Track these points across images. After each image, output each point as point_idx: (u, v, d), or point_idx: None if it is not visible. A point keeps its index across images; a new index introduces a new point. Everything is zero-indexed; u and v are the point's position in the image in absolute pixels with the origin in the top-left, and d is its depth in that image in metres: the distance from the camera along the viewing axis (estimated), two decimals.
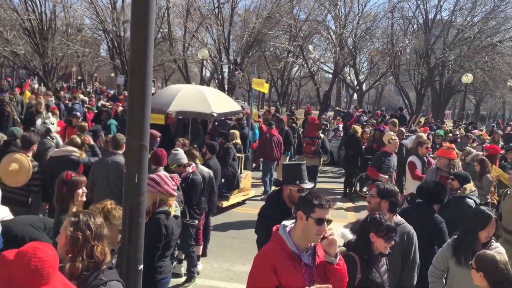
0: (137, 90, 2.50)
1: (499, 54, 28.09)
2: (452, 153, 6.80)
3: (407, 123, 17.50)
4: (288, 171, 4.12)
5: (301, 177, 3.90)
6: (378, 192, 3.83)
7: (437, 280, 3.94)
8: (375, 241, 3.18)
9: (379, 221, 3.19)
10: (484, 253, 3.11)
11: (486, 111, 63.25)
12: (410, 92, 34.40)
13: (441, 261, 3.92)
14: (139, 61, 2.48)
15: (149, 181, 3.77)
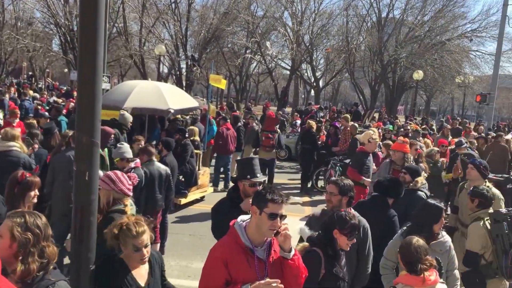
0: (87, 85, 2.43)
1: (447, 52, 29.24)
2: (406, 146, 7.02)
3: (361, 119, 17.95)
4: (240, 166, 4.15)
5: (252, 172, 3.92)
6: (339, 190, 3.87)
7: (390, 272, 4.03)
8: (338, 238, 3.23)
9: (345, 219, 3.25)
10: (407, 237, 3.30)
11: (436, 107, 65.79)
12: (365, 88, 35.24)
13: (393, 253, 3.99)
14: (88, 55, 2.41)
15: (104, 178, 3.70)
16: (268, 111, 15.60)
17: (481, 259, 4.25)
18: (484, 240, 4.27)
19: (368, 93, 33.87)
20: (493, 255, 4.20)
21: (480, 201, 4.48)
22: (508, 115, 61.94)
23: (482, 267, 4.22)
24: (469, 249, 4.35)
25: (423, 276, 3.10)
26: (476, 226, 4.37)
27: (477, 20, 31.20)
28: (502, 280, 4.29)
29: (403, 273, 3.20)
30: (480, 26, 30.92)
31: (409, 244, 3.23)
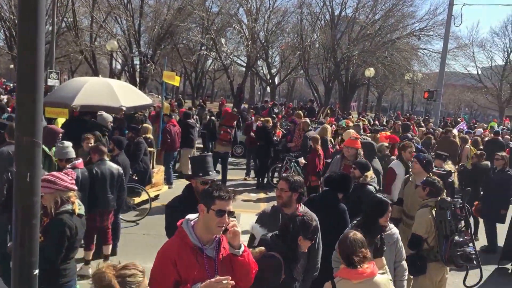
0: (27, 80, 2.31)
1: (397, 50, 30.19)
2: (357, 142, 7.20)
3: (316, 115, 18.24)
4: (193, 164, 4.12)
5: (205, 169, 3.89)
6: (289, 186, 3.90)
7: (337, 263, 4.16)
8: (302, 243, 3.27)
9: (308, 225, 3.28)
10: (346, 231, 3.40)
11: (387, 103, 67.89)
12: (319, 85, 35.83)
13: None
14: (28, 49, 2.29)
15: (43, 183, 3.57)
16: (225, 107, 15.79)
17: (424, 243, 4.47)
18: (429, 225, 4.50)
19: (322, 90, 34.45)
20: (435, 240, 4.44)
21: (430, 190, 4.74)
22: (454, 110, 64.82)
23: (424, 251, 4.46)
24: (414, 232, 4.58)
25: (359, 269, 3.16)
26: (424, 212, 4.62)
27: (425, 19, 32.44)
28: (441, 264, 4.53)
29: (341, 267, 3.26)
30: (428, 25, 32.13)
31: (345, 238, 3.30)
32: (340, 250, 3.32)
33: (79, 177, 5.55)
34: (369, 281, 3.19)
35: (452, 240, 4.32)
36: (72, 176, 3.86)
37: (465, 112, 65.48)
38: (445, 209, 4.39)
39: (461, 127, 17.29)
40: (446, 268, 4.63)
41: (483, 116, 59.81)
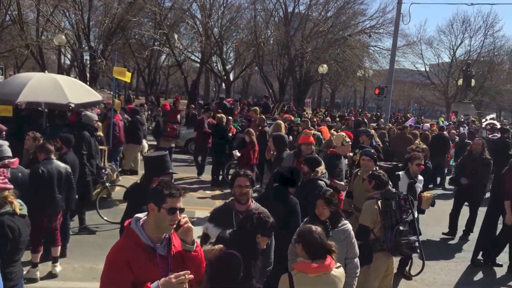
0: None
1: (349, 47, 30.90)
2: (310, 138, 7.31)
3: (270, 111, 18.38)
4: (151, 164, 4.05)
5: (165, 169, 3.85)
6: (251, 183, 3.94)
7: (296, 257, 4.21)
8: (260, 240, 3.27)
9: (265, 222, 3.28)
10: (302, 227, 3.43)
11: (341, 99, 69.42)
12: (274, 82, 36.10)
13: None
14: None
15: None
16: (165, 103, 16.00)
17: (371, 233, 4.62)
18: (375, 215, 4.66)
19: (277, 86, 34.73)
20: (381, 230, 4.59)
21: (376, 183, 4.90)
22: (404, 106, 67.14)
23: (371, 241, 4.61)
24: (361, 223, 4.73)
25: (316, 263, 3.21)
26: (370, 203, 4.78)
27: (375, 17, 33.32)
28: (388, 253, 4.70)
29: (298, 260, 3.30)
30: (378, 23, 33.03)
31: (311, 231, 3.33)
32: (305, 244, 3.31)
33: (19, 176, 5.34)
34: (326, 275, 3.24)
35: (397, 230, 4.49)
36: (4, 175, 3.69)
37: (414, 108, 68.03)
38: (390, 200, 4.56)
39: (410, 123, 17.92)
40: (392, 257, 4.81)
41: (431, 111, 62.30)
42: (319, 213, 4.10)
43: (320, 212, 4.10)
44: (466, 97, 35.26)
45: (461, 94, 36.34)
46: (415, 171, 6.16)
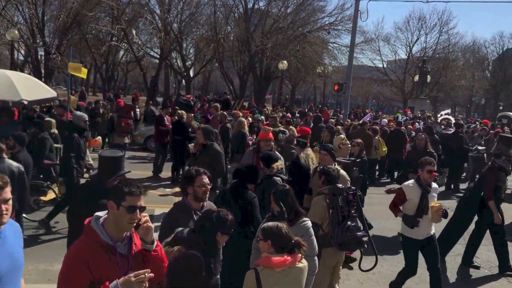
0: None
1: (308, 43, 31.19)
2: (269, 134, 7.33)
3: (231, 108, 18.35)
4: (106, 163, 3.95)
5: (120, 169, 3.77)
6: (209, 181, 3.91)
7: (257, 252, 4.21)
8: (220, 239, 3.25)
9: (224, 220, 3.25)
10: (268, 224, 3.41)
11: (301, 95, 70.14)
12: (234, 78, 36.07)
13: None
14: None
15: None
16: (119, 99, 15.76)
17: (320, 229, 4.68)
18: (323, 211, 4.70)
19: (238, 82, 34.71)
20: (329, 226, 4.65)
21: (326, 178, 4.93)
22: (363, 102, 68.64)
23: (319, 237, 4.64)
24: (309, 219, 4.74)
25: (282, 257, 3.22)
26: (318, 199, 4.82)
27: (334, 14, 33.83)
28: (335, 249, 4.73)
29: (264, 255, 3.29)
30: (337, 20, 33.53)
31: (279, 229, 3.32)
32: (274, 240, 3.29)
33: None
34: (291, 268, 3.26)
35: (344, 225, 4.54)
36: None
37: (373, 104, 69.70)
38: (337, 196, 4.60)
39: (368, 118, 18.33)
40: (341, 253, 4.88)
41: (389, 107, 63.96)
42: (274, 208, 4.13)
43: (273, 207, 4.13)
44: (422, 93, 36.43)
45: (417, 90, 37.52)
46: (427, 179, 5.36)
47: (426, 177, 5.32)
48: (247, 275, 3.29)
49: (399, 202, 5.52)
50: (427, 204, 5.27)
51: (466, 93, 52.77)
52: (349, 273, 6.34)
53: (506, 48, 56.67)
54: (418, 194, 5.30)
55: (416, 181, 5.42)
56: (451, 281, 6.83)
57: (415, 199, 5.30)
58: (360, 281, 6.37)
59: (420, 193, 5.29)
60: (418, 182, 5.38)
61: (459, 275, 7.07)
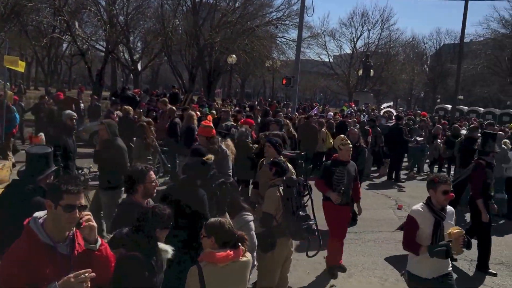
0: None
1: (257, 38, 31.31)
2: (208, 130, 7.26)
3: (180, 102, 18.15)
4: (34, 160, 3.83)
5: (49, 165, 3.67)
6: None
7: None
8: (160, 235, 3.20)
9: (161, 215, 3.19)
10: (210, 221, 3.41)
11: (251, 89, 70.40)
12: (184, 72, 35.65)
13: None
14: None
15: None
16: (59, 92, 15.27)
17: (274, 220, 4.81)
18: (277, 203, 4.80)
19: (187, 76, 34.33)
20: (283, 216, 4.80)
21: (276, 170, 5.03)
22: (311, 96, 69.85)
23: (273, 228, 4.78)
24: (265, 211, 4.86)
25: (225, 252, 3.23)
26: (272, 191, 4.89)
27: (281, 8, 34.06)
28: (289, 239, 4.91)
29: (207, 251, 3.29)
30: (284, 15, 33.76)
31: (222, 225, 3.32)
32: (217, 237, 3.28)
33: None
34: (234, 263, 3.27)
35: (298, 215, 4.72)
36: None
37: (320, 97, 71.12)
38: (291, 187, 4.76)
39: (315, 112, 18.73)
40: (291, 242, 5.05)
41: (336, 100, 65.46)
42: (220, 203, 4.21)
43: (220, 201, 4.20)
44: (366, 87, 37.64)
45: (361, 83, 38.72)
46: (442, 202, 4.20)
47: (440, 199, 4.17)
48: (190, 271, 3.28)
49: (414, 233, 4.20)
50: (442, 233, 4.13)
51: (406, 87, 55.16)
52: (296, 264, 6.50)
53: (443, 44, 59.56)
54: (430, 222, 4.16)
55: (426, 204, 4.25)
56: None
57: (427, 228, 4.14)
58: (307, 271, 6.57)
59: (433, 220, 4.16)
60: (429, 206, 4.22)
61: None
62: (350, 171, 6.35)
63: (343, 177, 6.22)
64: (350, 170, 6.35)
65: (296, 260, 6.49)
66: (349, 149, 6.34)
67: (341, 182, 6.21)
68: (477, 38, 45.99)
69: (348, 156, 6.38)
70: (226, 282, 3.26)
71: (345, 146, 6.29)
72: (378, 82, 46.87)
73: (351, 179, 6.36)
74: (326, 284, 6.25)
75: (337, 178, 6.20)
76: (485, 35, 44.68)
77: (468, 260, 7.47)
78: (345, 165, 6.33)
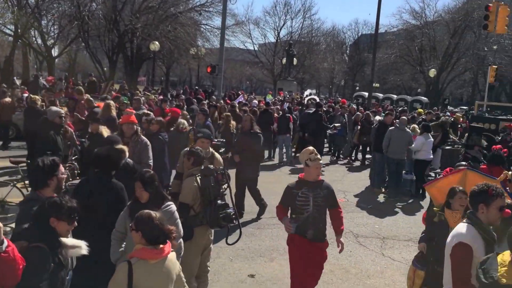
0: None
1: (180, 24, 30.75)
2: (132, 117, 7.09)
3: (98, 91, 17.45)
4: None
5: None
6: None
7: (117, 242, 4.12)
8: (57, 225, 3.05)
9: (60, 205, 3.05)
10: (141, 214, 3.30)
11: (176, 77, 69.15)
12: (104, 59, 34.14)
13: (122, 223, 4.09)
14: None
15: None
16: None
17: (191, 210, 4.80)
18: (195, 192, 4.78)
19: (107, 64, 32.92)
20: (201, 206, 4.80)
21: (194, 159, 5.00)
22: (237, 84, 70.08)
23: (190, 218, 4.77)
24: (182, 201, 4.81)
25: (157, 248, 3.17)
26: (189, 181, 4.86)
27: None
28: (206, 228, 4.90)
29: (138, 247, 3.20)
30: (208, 1, 33.39)
31: (151, 219, 3.22)
32: (145, 231, 3.18)
33: None
34: (163, 259, 3.23)
35: (215, 204, 4.74)
36: None
37: (247, 86, 71.58)
38: (208, 176, 4.76)
39: (240, 100, 18.86)
40: (210, 231, 5.08)
41: (261, 89, 66.21)
42: (139, 196, 4.10)
43: (139, 194, 4.07)
44: (289, 75, 38.44)
45: (285, 72, 39.49)
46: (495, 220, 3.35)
47: (494, 217, 3.31)
48: (119, 267, 3.18)
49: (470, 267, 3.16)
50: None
51: (328, 75, 57.10)
52: (219, 251, 6.58)
53: (361, 34, 62.34)
54: (482, 248, 3.21)
55: (474, 224, 3.28)
56: None
57: (479, 258, 3.09)
58: (230, 258, 6.65)
59: (483, 245, 3.23)
60: (479, 226, 3.26)
61: None
62: (319, 195, 4.75)
63: (307, 201, 4.70)
64: (319, 194, 4.75)
65: (219, 248, 6.56)
66: (318, 166, 4.80)
67: (305, 208, 4.71)
68: (391, 28, 48.80)
69: (317, 175, 4.82)
70: (156, 279, 3.20)
71: (313, 162, 4.74)
72: (301, 71, 48.05)
73: (321, 206, 4.78)
74: (249, 269, 6.37)
75: (300, 204, 4.72)
76: (398, 26, 47.50)
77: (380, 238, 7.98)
78: (313, 187, 4.76)
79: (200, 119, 10.32)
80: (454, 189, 4.57)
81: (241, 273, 6.24)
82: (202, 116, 10.42)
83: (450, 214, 4.50)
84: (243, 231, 5.35)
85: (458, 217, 4.31)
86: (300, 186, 4.79)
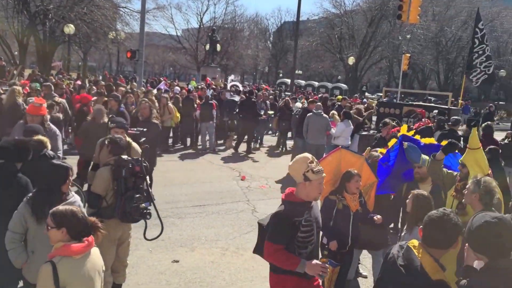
0: None
1: (97, 7, 29.18)
2: (43, 109, 6.69)
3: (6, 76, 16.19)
4: None
5: None
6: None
7: (18, 245, 3.80)
8: None
9: None
10: (59, 210, 3.10)
11: (96, 63, 66.12)
12: (13, 42, 31.61)
13: (19, 225, 3.77)
14: None
15: None
16: None
17: (104, 201, 4.60)
18: (108, 183, 4.60)
19: (16, 47, 30.51)
20: (113, 197, 4.62)
21: (112, 147, 4.78)
22: (160, 70, 68.48)
23: (103, 209, 4.58)
24: (93, 191, 4.62)
25: (80, 243, 3.02)
26: (103, 170, 4.67)
27: None
28: (117, 221, 4.65)
29: (59, 245, 3.01)
30: None
31: (75, 213, 3.04)
32: (70, 227, 3.00)
33: None
34: (89, 253, 3.08)
35: (127, 197, 4.54)
36: None
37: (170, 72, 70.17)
38: (120, 167, 4.57)
39: (161, 87, 18.41)
40: (127, 225, 4.90)
41: (185, 75, 65.29)
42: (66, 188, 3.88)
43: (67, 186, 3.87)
44: (213, 61, 38.16)
45: (209, 58, 39.13)
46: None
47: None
48: (42, 269, 2.93)
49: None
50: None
51: (252, 62, 57.53)
52: (138, 243, 6.39)
53: (284, 21, 63.40)
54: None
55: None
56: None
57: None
58: (149, 250, 6.51)
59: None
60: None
61: None
62: (319, 218, 3.71)
63: (312, 231, 3.50)
64: (318, 217, 3.70)
65: (138, 240, 6.35)
66: (322, 180, 3.50)
67: (310, 240, 3.50)
68: (312, 16, 50.05)
69: (320, 193, 3.60)
70: (84, 275, 3.03)
71: (316, 175, 3.42)
72: (225, 57, 47.92)
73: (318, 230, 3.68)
74: (169, 260, 6.27)
75: (303, 236, 3.45)
76: (319, 14, 48.85)
77: None
78: (312, 208, 3.58)
79: (113, 106, 9.89)
80: (350, 172, 4.80)
81: (161, 264, 6.13)
82: (115, 102, 9.99)
83: (350, 198, 4.74)
84: (164, 221, 5.21)
85: (357, 200, 4.69)
86: (301, 212, 3.45)
